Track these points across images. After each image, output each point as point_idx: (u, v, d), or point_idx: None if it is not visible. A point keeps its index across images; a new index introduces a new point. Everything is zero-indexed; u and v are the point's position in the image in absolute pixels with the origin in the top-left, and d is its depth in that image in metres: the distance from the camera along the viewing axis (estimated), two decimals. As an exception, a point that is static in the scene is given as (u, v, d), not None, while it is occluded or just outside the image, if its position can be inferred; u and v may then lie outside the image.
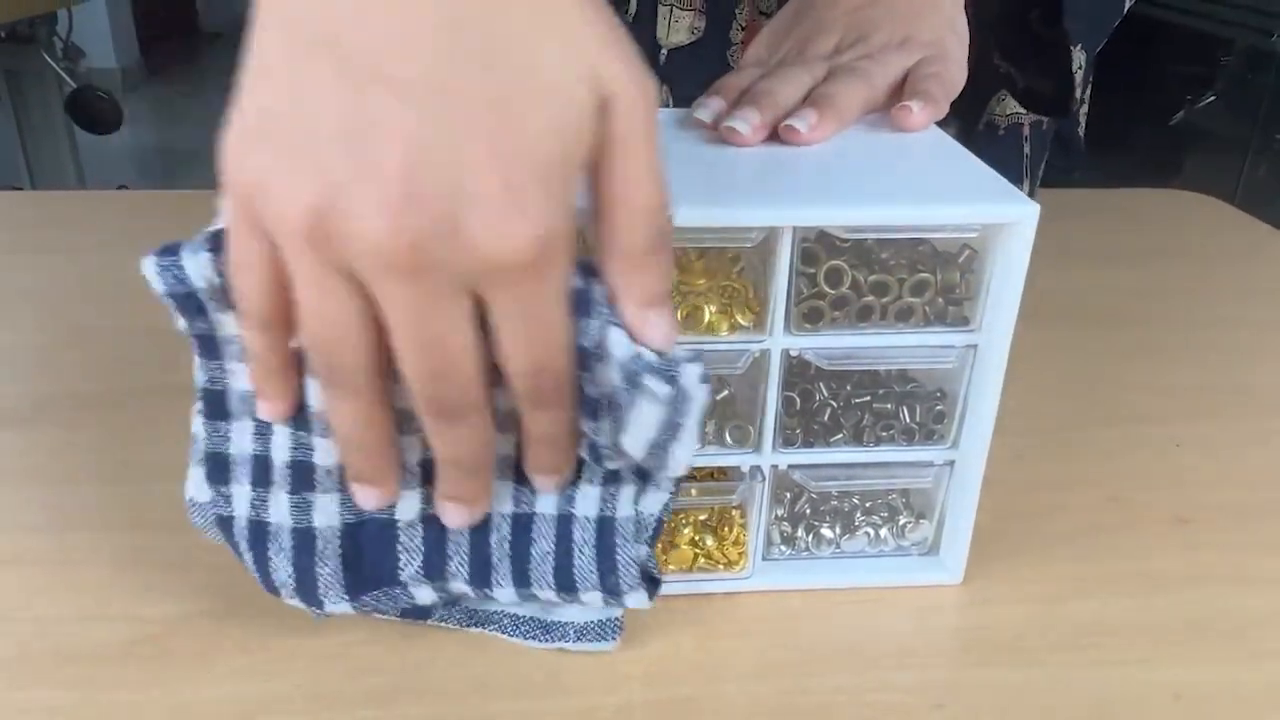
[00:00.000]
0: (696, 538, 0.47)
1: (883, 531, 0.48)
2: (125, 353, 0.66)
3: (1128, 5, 0.71)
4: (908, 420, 0.46)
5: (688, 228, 0.39)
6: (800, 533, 0.48)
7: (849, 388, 0.47)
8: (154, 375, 0.63)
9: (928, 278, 0.43)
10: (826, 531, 0.48)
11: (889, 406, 0.46)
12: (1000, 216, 0.41)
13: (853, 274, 0.43)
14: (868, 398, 0.46)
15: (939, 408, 0.46)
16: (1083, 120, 0.84)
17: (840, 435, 0.46)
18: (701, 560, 0.47)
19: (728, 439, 0.46)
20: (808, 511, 0.48)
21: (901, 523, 0.48)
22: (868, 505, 0.49)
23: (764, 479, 0.46)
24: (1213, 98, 2.72)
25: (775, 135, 0.47)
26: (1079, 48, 0.67)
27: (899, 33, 0.53)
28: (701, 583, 0.47)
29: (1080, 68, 0.68)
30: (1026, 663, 0.44)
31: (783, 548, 0.48)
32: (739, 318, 0.43)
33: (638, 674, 0.42)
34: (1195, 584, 0.49)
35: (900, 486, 0.48)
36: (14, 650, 0.43)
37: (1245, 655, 0.44)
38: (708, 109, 0.48)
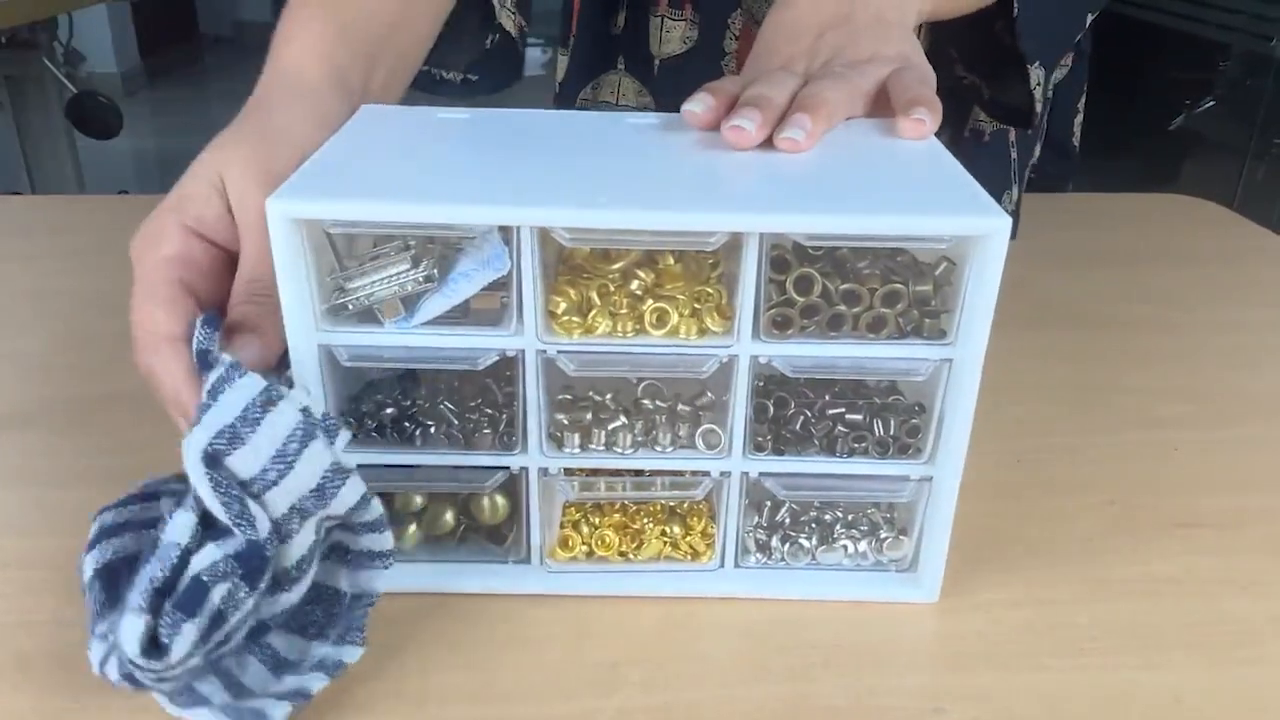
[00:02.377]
0: (665, 528, 0.48)
1: (861, 545, 0.48)
2: (125, 357, 0.66)
3: (1089, 18, 0.71)
4: (881, 433, 0.46)
5: (649, 230, 0.40)
6: (775, 542, 0.48)
7: (826, 397, 0.46)
8: (154, 379, 0.63)
9: (900, 288, 0.43)
10: (804, 542, 0.48)
11: (861, 418, 0.46)
12: (968, 229, 0.40)
13: (823, 282, 0.42)
14: (842, 408, 0.46)
15: (913, 421, 0.45)
16: (1077, 129, 0.84)
17: (813, 445, 0.46)
18: (668, 550, 0.48)
19: (699, 443, 0.45)
20: (786, 521, 0.48)
21: (882, 537, 0.48)
22: (849, 518, 0.48)
23: (733, 483, 0.45)
24: (1212, 103, 2.73)
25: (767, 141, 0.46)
26: (1036, 65, 0.68)
27: (865, 51, 0.53)
28: (668, 574, 0.47)
29: (1038, 84, 0.68)
30: (1027, 667, 0.44)
31: (758, 555, 0.48)
32: (709, 323, 0.43)
33: (637, 679, 0.42)
34: (1195, 588, 0.49)
35: (875, 500, 0.48)
36: (13, 655, 0.43)
37: (1246, 659, 0.44)
38: (700, 103, 0.48)
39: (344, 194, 0.40)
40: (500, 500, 0.47)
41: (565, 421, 0.45)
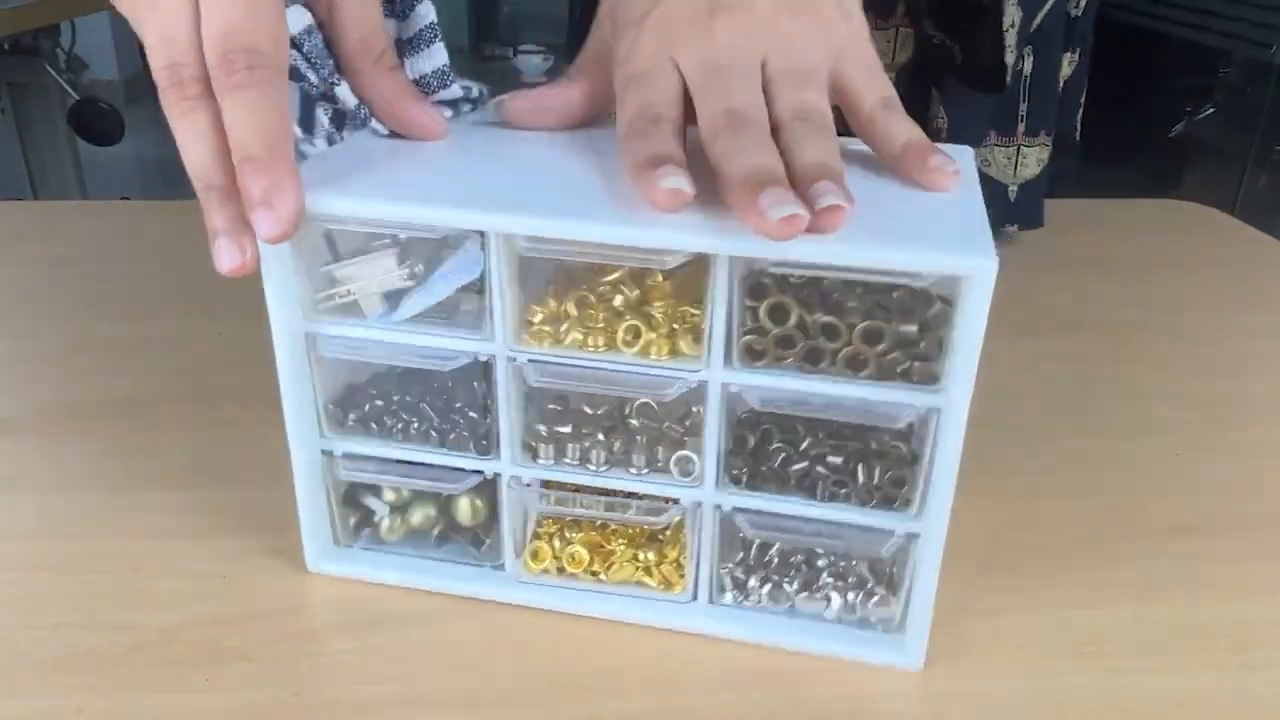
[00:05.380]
0: (638, 553, 0.46)
1: (850, 598, 0.45)
2: (126, 362, 0.66)
3: None
4: (863, 479, 0.42)
5: (602, 243, 0.39)
6: (754, 582, 0.45)
7: (820, 435, 0.43)
8: (154, 384, 0.64)
9: (881, 326, 0.39)
10: (786, 586, 0.45)
11: (842, 461, 0.43)
12: (944, 268, 0.37)
13: (800, 313, 0.40)
14: (825, 449, 0.43)
15: (899, 471, 0.42)
16: (1079, 124, 0.84)
17: (790, 484, 0.43)
18: (642, 575, 0.46)
19: (674, 469, 0.44)
20: (775, 562, 0.46)
21: (871, 591, 0.45)
22: (840, 567, 0.45)
23: (704, 514, 0.44)
24: (1212, 109, 2.73)
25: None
26: (1014, 3, 0.62)
27: (800, 57, 0.43)
28: (638, 601, 0.46)
29: (1013, 25, 0.62)
30: (1028, 671, 0.44)
31: (734, 594, 0.46)
32: (683, 345, 0.41)
33: (636, 682, 0.42)
34: (1196, 592, 0.48)
35: (854, 553, 0.45)
36: (13, 658, 0.43)
37: (1247, 664, 0.44)
38: (673, 178, 0.38)
39: (322, 189, 0.40)
40: (479, 504, 0.47)
41: (544, 432, 0.45)
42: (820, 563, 0.45)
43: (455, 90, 0.49)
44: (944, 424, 0.39)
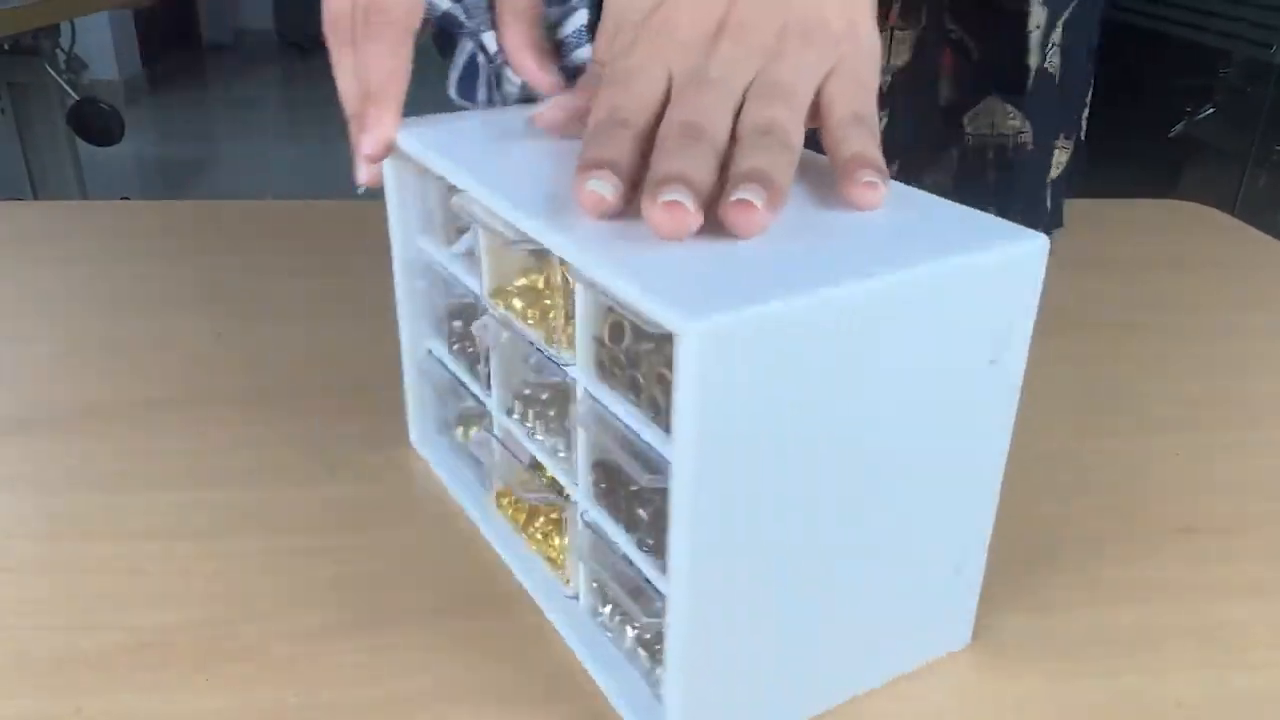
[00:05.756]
0: (551, 535, 0.46)
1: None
2: (125, 363, 0.66)
3: None
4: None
5: (491, 211, 0.40)
6: (608, 610, 0.42)
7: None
8: (153, 386, 0.64)
9: (669, 376, 0.32)
10: (629, 630, 0.41)
11: (645, 515, 0.38)
12: (659, 319, 0.30)
13: (631, 338, 0.36)
14: (648, 495, 0.37)
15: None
16: (1084, 124, 0.84)
17: (625, 519, 0.39)
18: (554, 554, 0.46)
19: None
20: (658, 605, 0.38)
21: None
22: None
23: (578, 517, 0.41)
24: (1212, 109, 2.73)
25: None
26: (1040, 3, 0.60)
27: (787, 71, 0.42)
28: (541, 581, 0.46)
29: (1039, 27, 0.60)
30: (1027, 671, 0.44)
31: (601, 611, 0.43)
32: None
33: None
34: (1197, 593, 0.48)
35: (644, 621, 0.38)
36: (12, 658, 0.43)
37: (1248, 664, 0.44)
38: (600, 182, 0.37)
39: (414, 136, 0.47)
40: None
41: (527, 392, 0.46)
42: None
43: (587, 51, 0.53)
44: (675, 508, 0.32)
